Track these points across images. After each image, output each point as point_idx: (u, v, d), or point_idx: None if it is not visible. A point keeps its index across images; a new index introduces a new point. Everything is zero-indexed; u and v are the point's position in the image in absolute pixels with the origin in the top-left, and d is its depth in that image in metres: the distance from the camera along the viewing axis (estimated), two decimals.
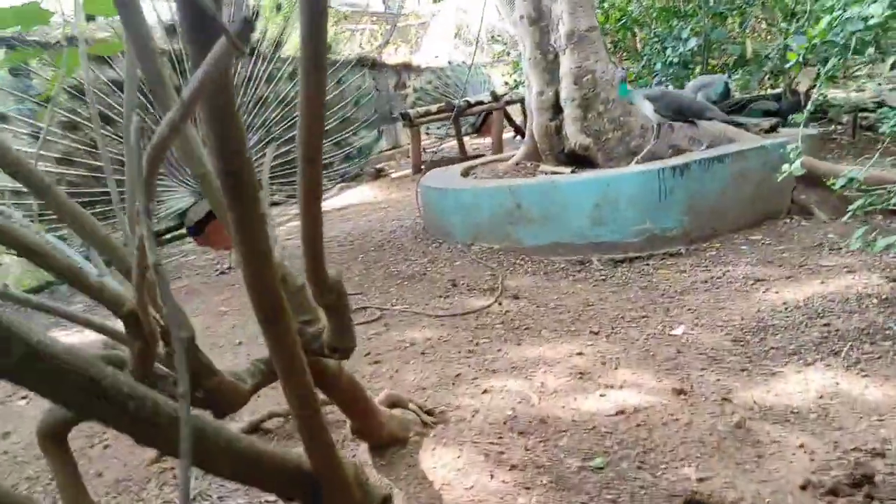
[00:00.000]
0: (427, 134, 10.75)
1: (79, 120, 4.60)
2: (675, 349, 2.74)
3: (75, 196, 4.50)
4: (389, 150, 13.37)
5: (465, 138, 9.77)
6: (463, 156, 10.02)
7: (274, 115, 5.28)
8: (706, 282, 3.51)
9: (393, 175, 10.08)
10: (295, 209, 5.27)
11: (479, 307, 3.53)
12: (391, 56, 15.41)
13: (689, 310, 3.16)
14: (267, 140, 5.18)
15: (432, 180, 5.41)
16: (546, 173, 5.23)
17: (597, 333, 3.02)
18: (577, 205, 4.25)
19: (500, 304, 3.57)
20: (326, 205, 8.34)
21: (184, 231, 5.15)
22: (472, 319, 3.39)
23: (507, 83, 9.65)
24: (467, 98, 8.77)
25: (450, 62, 13.16)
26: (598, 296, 3.54)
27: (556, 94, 5.40)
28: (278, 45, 5.37)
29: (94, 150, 4.62)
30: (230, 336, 3.62)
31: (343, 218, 6.88)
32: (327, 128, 5.54)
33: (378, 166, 10.65)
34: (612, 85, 5.13)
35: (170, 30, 4.88)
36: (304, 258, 1.20)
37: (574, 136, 5.27)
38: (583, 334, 3.03)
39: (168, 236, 5.27)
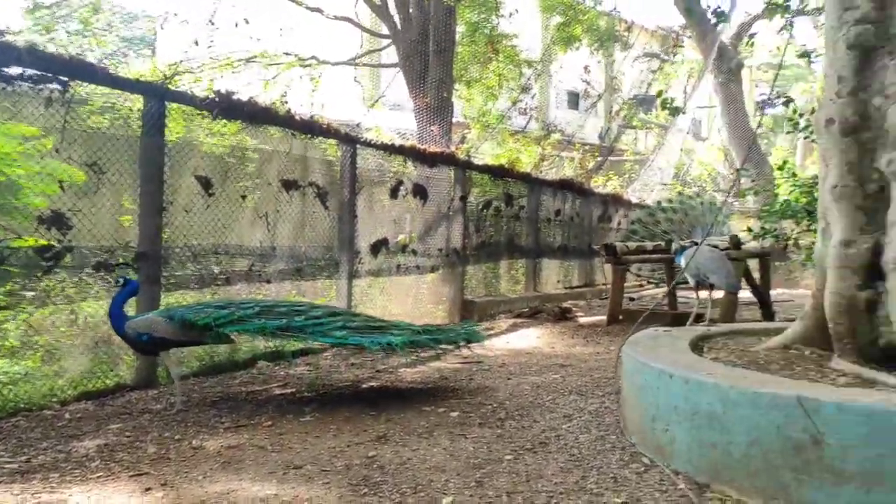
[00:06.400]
0: (637, 275, 8.72)
1: None
2: None
3: None
4: (580, 286, 11.44)
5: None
6: (672, 311, 7.83)
7: None
8: None
9: (581, 319, 8.11)
10: None
11: None
12: (599, 187, 13.80)
13: None
14: None
15: (645, 350, 3.42)
16: (860, 378, 3.04)
17: None
18: None
19: None
20: (488, 342, 6.52)
21: None
22: None
23: (749, 230, 7.40)
24: (694, 239, 6.68)
25: (679, 194, 11.19)
26: None
27: (875, 249, 3.28)
28: None
29: None
30: None
31: (503, 372, 5.01)
32: None
33: (564, 305, 8.75)
34: None
35: None
36: None
37: None
38: None
39: None
